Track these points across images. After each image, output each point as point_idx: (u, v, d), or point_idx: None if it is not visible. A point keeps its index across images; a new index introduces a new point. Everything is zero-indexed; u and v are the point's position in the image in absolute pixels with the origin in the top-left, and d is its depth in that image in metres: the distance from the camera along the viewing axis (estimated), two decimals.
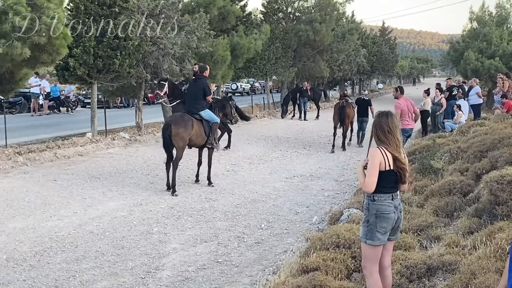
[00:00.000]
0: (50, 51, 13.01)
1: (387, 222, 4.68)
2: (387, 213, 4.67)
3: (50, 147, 15.01)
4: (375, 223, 4.68)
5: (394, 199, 4.74)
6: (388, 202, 4.69)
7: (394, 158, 4.67)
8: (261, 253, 7.83)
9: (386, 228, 4.69)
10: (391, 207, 4.69)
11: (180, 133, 11.34)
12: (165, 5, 18.99)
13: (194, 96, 11.95)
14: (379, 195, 4.69)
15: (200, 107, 11.89)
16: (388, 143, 4.68)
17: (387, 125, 4.70)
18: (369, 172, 4.65)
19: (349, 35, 37.11)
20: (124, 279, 6.70)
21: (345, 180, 13.12)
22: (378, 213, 4.68)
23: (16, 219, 9.08)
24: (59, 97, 29.42)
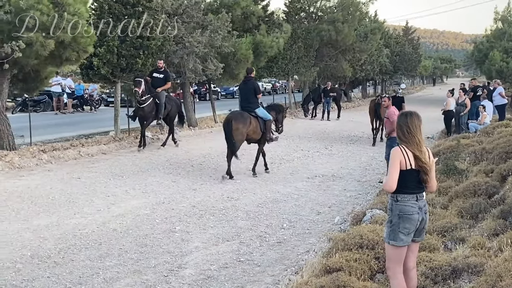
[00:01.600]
0: (75, 49, 13.12)
1: (410, 223, 4.63)
2: (411, 214, 4.63)
3: (74, 145, 15.17)
4: (398, 224, 4.65)
5: (419, 200, 4.69)
6: (411, 203, 4.65)
7: (415, 157, 4.64)
8: (283, 253, 7.82)
9: (409, 229, 4.65)
10: (414, 208, 4.65)
11: (240, 128, 12.54)
12: (188, 4, 19.06)
13: (246, 96, 13.20)
14: (402, 196, 4.67)
15: (254, 106, 13.08)
16: (408, 142, 4.66)
17: (406, 125, 4.70)
18: (389, 171, 4.67)
19: (372, 34, 36.86)
20: (147, 277, 6.74)
21: (368, 181, 13.05)
22: (401, 214, 4.65)
23: (40, 216, 9.19)
24: (82, 96, 29.70)
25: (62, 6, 12.20)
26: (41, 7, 11.72)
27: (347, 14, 32.73)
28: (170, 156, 15.45)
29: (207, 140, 19.51)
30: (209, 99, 27.68)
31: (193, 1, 19.18)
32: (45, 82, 15.93)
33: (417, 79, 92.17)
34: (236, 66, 21.93)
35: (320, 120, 28.68)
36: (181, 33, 18.55)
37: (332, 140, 20.83)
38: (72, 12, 12.30)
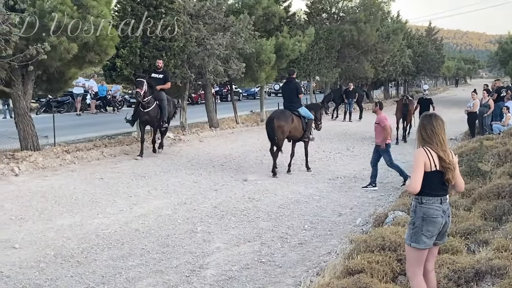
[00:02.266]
0: (98, 51, 13.25)
1: (434, 226, 4.59)
2: (435, 217, 4.58)
3: (97, 146, 15.32)
4: (421, 227, 4.60)
5: (443, 203, 4.64)
6: (436, 205, 4.61)
7: (440, 158, 4.60)
8: (304, 254, 7.80)
9: (433, 232, 4.60)
10: (439, 211, 4.60)
11: (282, 126, 13.11)
12: (210, 6, 19.13)
13: (289, 96, 13.83)
14: (427, 198, 4.61)
15: (297, 105, 13.74)
16: (432, 142, 4.62)
17: (430, 126, 4.66)
18: (413, 172, 4.62)
19: (394, 35, 36.60)
20: (169, 277, 6.78)
21: (390, 182, 12.97)
22: (425, 217, 4.60)
23: (64, 216, 9.29)
24: (105, 97, 29.98)
25: (85, 8, 12.32)
26: (64, 8, 11.85)
27: (369, 14, 32.55)
28: (191, 156, 15.52)
29: (228, 141, 19.56)
30: (230, 100, 27.75)
31: (215, 2, 19.24)
32: (68, 83, 16.10)
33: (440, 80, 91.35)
34: (258, 67, 21.95)
35: (341, 121, 28.57)
36: (203, 34, 18.62)
37: (353, 141, 20.74)
38: (96, 14, 12.42)
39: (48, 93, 18.90)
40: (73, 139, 16.81)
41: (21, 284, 6.40)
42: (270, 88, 50.67)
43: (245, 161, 15.37)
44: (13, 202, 9.99)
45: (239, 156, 16.11)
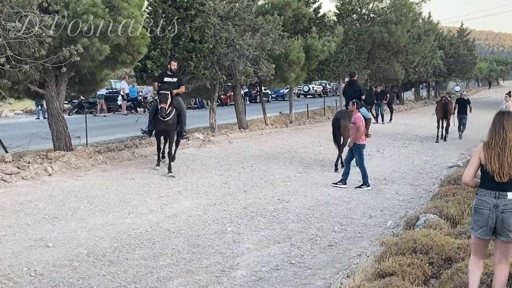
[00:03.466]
0: (130, 51, 13.37)
1: (481, 217, 4.82)
2: (482, 209, 4.83)
3: (128, 146, 15.48)
4: (474, 216, 4.95)
5: (498, 198, 4.78)
6: (487, 198, 4.81)
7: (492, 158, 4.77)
8: (334, 256, 7.78)
9: (481, 223, 4.82)
10: (488, 204, 4.79)
11: (347, 126, 13.90)
12: (240, 7, 19.19)
13: (351, 97, 14.77)
14: (481, 190, 4.89)
15: (358, 105, 14.06)
16: (495, 141, 4.80)
17: (500, 124, 4.84)
18: (469, 164, 5.02)
19: (425, 36, 36.22)
20: (200, 277, 6.82)
21: (421, 185, 12.84)
22: (475, 207, 4.93)
23: (96, 215, 9.41)
24: (136, 98, 30.29)
25: (117, 9, 12.47)
26: (96, 10, 12.00)
27: (400, 15, 32.21)
28: (221, 157, 15.57)
29: (257, 142, 19.58)
30: (259, 101, 27.77)
31: (244, 3, 19.30)
32: (101, 84, 16.30)
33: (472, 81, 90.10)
34: (287, 68, 21.94)
35: (373, 123, 28.36)
36: (232, 35, 18.69)
37: (384, 143, 20.57)
38: (127, 16, 12.55)
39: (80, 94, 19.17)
40: (105, 140, 17.03)
41: (54, 283, 6.50)
42: (299, 89, 50.58)
43: (275, 162, 15.37)
44: (47, 201, 10.15)
45: (269, 157, 16.12)
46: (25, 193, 10.64)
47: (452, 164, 15.10)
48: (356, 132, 12.36)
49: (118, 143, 15.81)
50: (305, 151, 17.55)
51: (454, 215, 8.09)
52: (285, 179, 12.98)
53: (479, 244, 4.94)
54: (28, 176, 11.84)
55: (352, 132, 12.54)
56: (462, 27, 62.71)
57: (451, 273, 5.48)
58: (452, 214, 8.11)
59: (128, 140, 16.91)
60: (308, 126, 25.89)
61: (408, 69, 37.95)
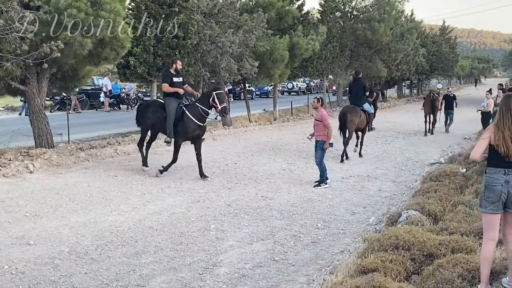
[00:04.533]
0: (113, 47, 13.27)
1: (494, 193, 5.04)
2: (494, 185, 5.05)
3: (110, 144, 15.40)
4: (483, 193, 5.15)
5: (508, 174, 5.04)
6: (498, 176, 5.06)
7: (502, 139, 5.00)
8: (317, 253, 7.80)
9: (493, 199, 5.04)
10: (500, 180, 5.04)
11: (353, 120, 15.56)
12: (223, 4, 19.15)
13: (356, 93, 16.35)
14: (490, 168, 5.13)
15: (362, 101, 16.30)
16: (503, 123, 5.02)
17: (507, 107, 5.04)
18: (478, 142, 5.26)
19: (408, 34, 36.42)
20: (183, 274, 6.80)
21: (403, 182, 12.91)
22: (486, 184, 5.13)
23: (78, 213, 9.34)
24: (119, 95, 30.10)
25: (99, 4, 12.37)
26: (78, 4, 11.89)
27: (383, 13, 32.35)
28: (204, 155, 15.50)
29: (241, 139, 19.58)
30: (243, 98, 27.76)
31: (228, 0, 19.27)
32: (83, 81, 16.17)
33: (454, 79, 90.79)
34: (272, 65, 21.95)
35: None
36: (216, 33, 18.65)
37: (367, 140, 20.61)
38: (109, 10, 12.45)
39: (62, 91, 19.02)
40: (87, 137, 16.91)
41: (35, 281, 6.45)
42: (283, 87, 50.65)
43: (258, 159, 15.38)
44: (28, 199, 10.06)
45: (252, 154, 16.13)
46: (6, 190, 10.54)
47: (434, 161, 15.21)
48: (323, 129, 12.06)
49: (100, 140, 15.71)
50: (289, 148, 17.57)
51: (436, 212, 8.16)
52: (269, 176, 13.00)
53: (491, 220, 5.13)
54: (9, 173, 11.74)
55: (319, 129, 12.16)
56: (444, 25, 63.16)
57: (432, 269, 5.52)
58: (434, 211, 8.17)
59: (111, 137, 16.82)
60: (292, 123, 25.94)
61: (391, 66, 38.14)
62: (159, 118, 12.64)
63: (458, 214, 7.80)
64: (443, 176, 10.60)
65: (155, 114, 12.74)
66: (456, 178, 10.35)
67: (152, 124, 12.96)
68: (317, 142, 12.21)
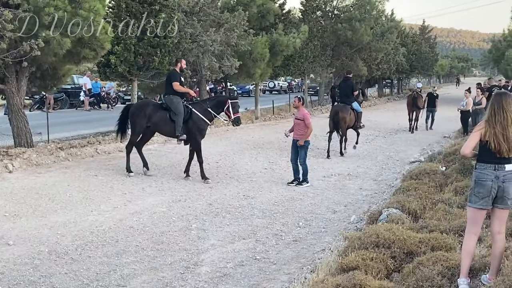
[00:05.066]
0: (93, 46, 13.18)
1: (484, 188, 5.09)
2: (484, 181, 5.10)
3: (91, 143, 15.29)
4: (473, 188, 5.19)
5: (498, 170, 5.09)
6: (488, 171, 5.10)
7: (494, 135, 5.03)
8: (299, 251, 7.82)
9: (483, 194, 5.10)
10: (490, 176, 5.08)
11: (345, 118, 16.31)
12: (205, 3, 19.11)
13: (346, 92, 17.14)
14: (480, 164, 5.18)
15: (351, 100, 16.97)
16: (495, 119, 5.05)
17: (499, 103, 5.08)
18: (469, 138, 5.33)
19: (389, 33, 36.66)
20: (164, 274, 6.78)
21: (384, 180, 13.00)
22: (476, 180, 5.17)
23: (58, 213, 9.26)
24: (99, 94, 29.88)
25: (78, 3, 12.26)
26: (56, 3, 11.79)
27: (363, 13, 32.54)
28: (186, 154, 15.46)
29: (223, 138, 19.55)
30: None
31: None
32: (62, 80, 16.02)
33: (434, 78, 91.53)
34: (252, 64, 21.96)
35: None
36: (197, 31, 18.60)
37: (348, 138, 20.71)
38: (88, 9, 12.36)
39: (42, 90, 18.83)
40: (67, 136, 16.76)
41: (15, 281, 6.38)
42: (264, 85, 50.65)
43: (240, 158, 15.38)
44: (7, 199, 9.95)
45: (234, 153, 16.12)
46: None
47: (414, 160, 15.32)
48: (305, 128, 11.97)
49: (80, 140, 15.60)
50: (271, 147, 17.59)
51: (416, 210, 8.21)
52: (251, 175, 13.00)
53: (478, 215, 5.20)
54: None
55: (300, 128, 12.02)
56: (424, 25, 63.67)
57: (412, 267, 5.56)
58: (414, 209, 8.22)
59: (91, 136, 16.69)
60: (273, 122, 25.95)
61: (372, 66, 38.36)
62: (162, 118, 12.30)
63: (438, 212, 7.87)
64: (423, 175, 10.68)
65: (155, 115, 12.33)
66: (436, 177, 10.43)
67: (152, 124, 12.51)
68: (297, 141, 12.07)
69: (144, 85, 19.62)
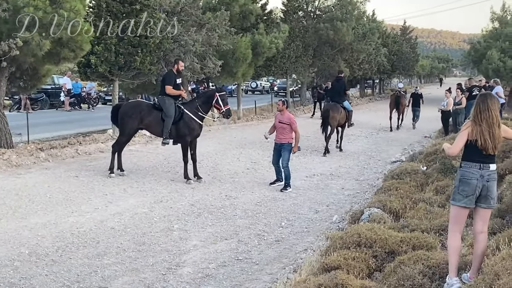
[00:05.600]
0: (72, 47, 13.08)
1: (469, 186, 5.15)
2: (469, 179, 5.17)
3: (71, 144, 15.15)
4: (458, 186, 5.24)
5: (483, 169, 5.17)
6: (473, 170, 5.17)
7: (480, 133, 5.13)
8: (281, 251, 7.83)
9: (468, 192, 5.15)
10: (475, 175, 5.16)
11: (335, 116, 16.93)
12: (186, 2, 19.05)
13: (338, 91, 17.84)
14: (465, 163, 5.25)
15: (343, 99, 17.72)
16: (481, 118, 5.16)
17: (484, 104, 5.20)
18: (456, 139, 5.36)
19: (370, 34, 36.88)
20: (145, 275, 6.74)
21: (366, 180, 13.06)
22: (461, 178, 5.23)
23: (38, 214, 9.17)
24: (80, 94, 29.64)
25: (59, 3, 12.15)
26: (36, 3, 11.67)
27: (345, 13, 32.71)
28: (168, 154, 15.42)
29: (205, 138, 19.45)
30: None
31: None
32: (43, 80, 15.87)
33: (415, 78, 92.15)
34: (234, 64, 21.95)
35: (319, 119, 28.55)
36: (179, 31, 18.54)
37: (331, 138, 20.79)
38: (68, 9, 12.25)
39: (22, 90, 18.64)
40: (47, 137, 16.60)
41: None
42: (247, 86, 50.64)
43: (222, 158, 15.35)
44: None
45: (216, 153, 16.08)
46: None
47: (396, 159, 15.42)
48: (290, 132, 11.74)
49: (61, 140, 15.44)
50: (253, 147, 17.58)
51: (397, 209, 8.26)
52: (233, 175, 12.98)
53: (461, 213, 5.25)
54: None
55: (286, 131, 11.75)
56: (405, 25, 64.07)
57: (394, 266, 5.59)
58: (395, 208, 8.28)
59: (72, 137, 16.55)
60: (256, 123, 25.94)
61: (353, 66, 38.56)
62: (154, 119, 12.19)
63: (419, 212, 7.92)
64: (404, 174, 10.75)
65: (148, 115, 12.20)
66: (417, 176, 10.50)
67: (145, 126, 12.47)
68: (283, 145, 11.81)
69: (126, 85, 19.51)
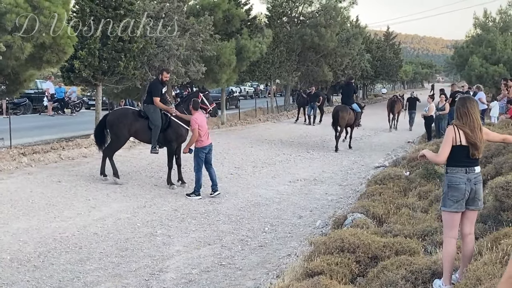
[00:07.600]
0: (55, 51, 13.01)
1: (458, 191, 5.16)
2: (457, 184, 5.18)
3: (54, 148, 15.04)
4: (447, 192, 5.24)
5: (469, 173, 5.20)
6: (460, 174, 5.19)
7: (466, 134, 5.15)
8: (264, 257, 7.83)
9: (458, 197, 5.17)
10: (462, 179, 5.18)
11: (344, 117, 19.01)
12: (170, 7, 19.03)
13: (347, 94, 20.13)
14: (451, 168, 5.25)
15: (352, 101, 19.86)
16: (463, 122, 5.19)
17: (464, 107, 5.24)
18: (442, 146, 5.31)
19: (354, 39, 37.10)
20: (128, 281, 6.71)
21: (349, 185, 13.11)
22: (449, 184, 5.23)
23: (20, 219, 9.09)
24: (63, 99, 29.47)
25: (40, 9, 12.09)
26: (18, 10, 11.62)
27: (329, 19, 32.89)
28: (151, 159, 15.36)
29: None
30: None
31: (175, 4, 19.16)
32: (25, 84, 15.74)
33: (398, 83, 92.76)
34: (219, 70, 21.95)
35: (302, 124, 28.69)
36: (162, 36, 18.51)
37: (313, 144, 20.90)
38: (50, 16, 12.19)
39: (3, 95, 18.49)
40: (30, 142, 16.46)
41: None
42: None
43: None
44: None
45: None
46: None
47: (379, 164, 15.50)
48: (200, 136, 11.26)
49: (43, 145, 15.32)
50: (236, 152, 17.57)
51: (380, 214, 8.30)
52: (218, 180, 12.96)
53: (454, 218, 5.25)
54: None
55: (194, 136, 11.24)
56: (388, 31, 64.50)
57: (377, 271, 5.61)
58: (378, 213, 8.31)
59: (54, 142, 16.42)
60: (239, 127, 25.95)
61: (337, 71, 38.75)
62: (142, 127, 12.20)
63: (402, 217, 7.96)
64: (388, 179, 10.80)
65: (136, 123, 12.19)
66: (400, 181, 10.56)
67: (133, 133, 12.50)
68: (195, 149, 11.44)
69: (109, 90, 19.43)
